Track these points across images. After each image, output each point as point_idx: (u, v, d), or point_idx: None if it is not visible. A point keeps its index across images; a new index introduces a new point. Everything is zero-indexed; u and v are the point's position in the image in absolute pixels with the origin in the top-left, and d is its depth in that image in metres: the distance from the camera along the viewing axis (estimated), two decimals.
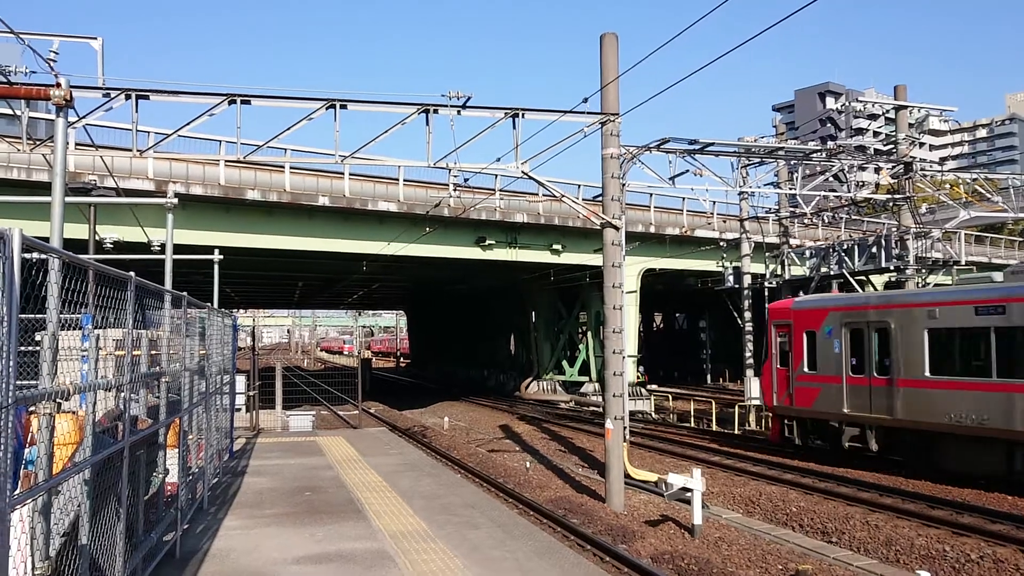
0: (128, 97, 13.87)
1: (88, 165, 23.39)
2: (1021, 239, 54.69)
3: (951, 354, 17.37)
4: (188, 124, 14.90)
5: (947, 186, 31.46)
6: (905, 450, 18.47)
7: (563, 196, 16.95)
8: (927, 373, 17.49)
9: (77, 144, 22.00)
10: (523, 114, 15.74)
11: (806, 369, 20.55)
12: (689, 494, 13.97)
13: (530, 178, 16.58)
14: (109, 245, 20.45)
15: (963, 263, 27.63)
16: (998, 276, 18.05)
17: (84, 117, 14.01)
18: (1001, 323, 16.15)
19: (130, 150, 15.04)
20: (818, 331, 20.31)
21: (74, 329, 6.84)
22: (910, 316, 18.01)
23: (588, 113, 15.83)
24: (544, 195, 28.02)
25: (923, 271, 25.72)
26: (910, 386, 17.85)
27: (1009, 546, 12.36)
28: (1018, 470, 15.95)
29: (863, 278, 26.67)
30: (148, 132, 21.02)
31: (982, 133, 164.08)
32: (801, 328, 20.84)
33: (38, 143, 16.55)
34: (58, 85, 8.21)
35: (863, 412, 18.93)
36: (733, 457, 21.48)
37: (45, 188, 19.50)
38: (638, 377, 38.51)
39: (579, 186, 32.14)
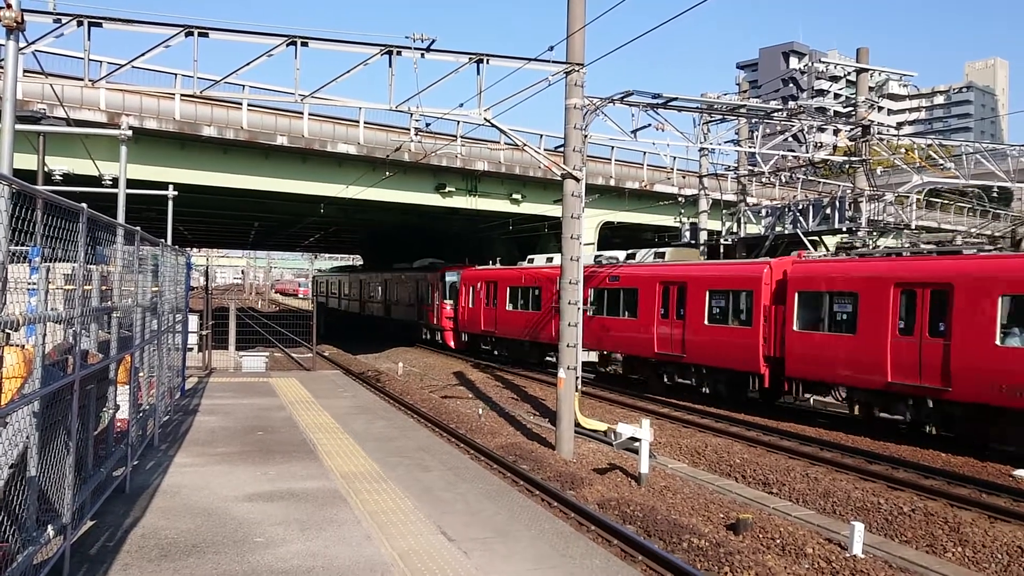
0: (80, 24, 13.40)
1: (37, 93, 22.65)
2: (970, 205, 55.74)
3: None
4: (143, 55, 14.46)
5: (902, 151, 31.93)
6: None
7: (525, 145, 16.87)
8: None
9: (26, 71, 21.20)
10: (487, 60, 15.55)
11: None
12: (637, 444, 14.27)
13: (492, 125, 16.47)
14: (59, 177, 19.97)
15: (913, 227, 28.17)
16: None
17: (33, 43, 13.51)
18: None
19: (81, 79, 14.55)
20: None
21: (22, 261, 6.72)
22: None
23: (553, 62, 15.71)
24: (506, 144, 27.85)
25: (874, 233, 26.20)
26: None
27: (940, 500, 12.89)
28: None
29: (816, 238, 27.02)
30: (101, 62, 20.28)
31: (939, 100, 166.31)
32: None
33: None
34: (8, 6, 7.93)
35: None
36: (681, 409, 21.94)
37: None
38: None
39: (541, 136, 31.99)
